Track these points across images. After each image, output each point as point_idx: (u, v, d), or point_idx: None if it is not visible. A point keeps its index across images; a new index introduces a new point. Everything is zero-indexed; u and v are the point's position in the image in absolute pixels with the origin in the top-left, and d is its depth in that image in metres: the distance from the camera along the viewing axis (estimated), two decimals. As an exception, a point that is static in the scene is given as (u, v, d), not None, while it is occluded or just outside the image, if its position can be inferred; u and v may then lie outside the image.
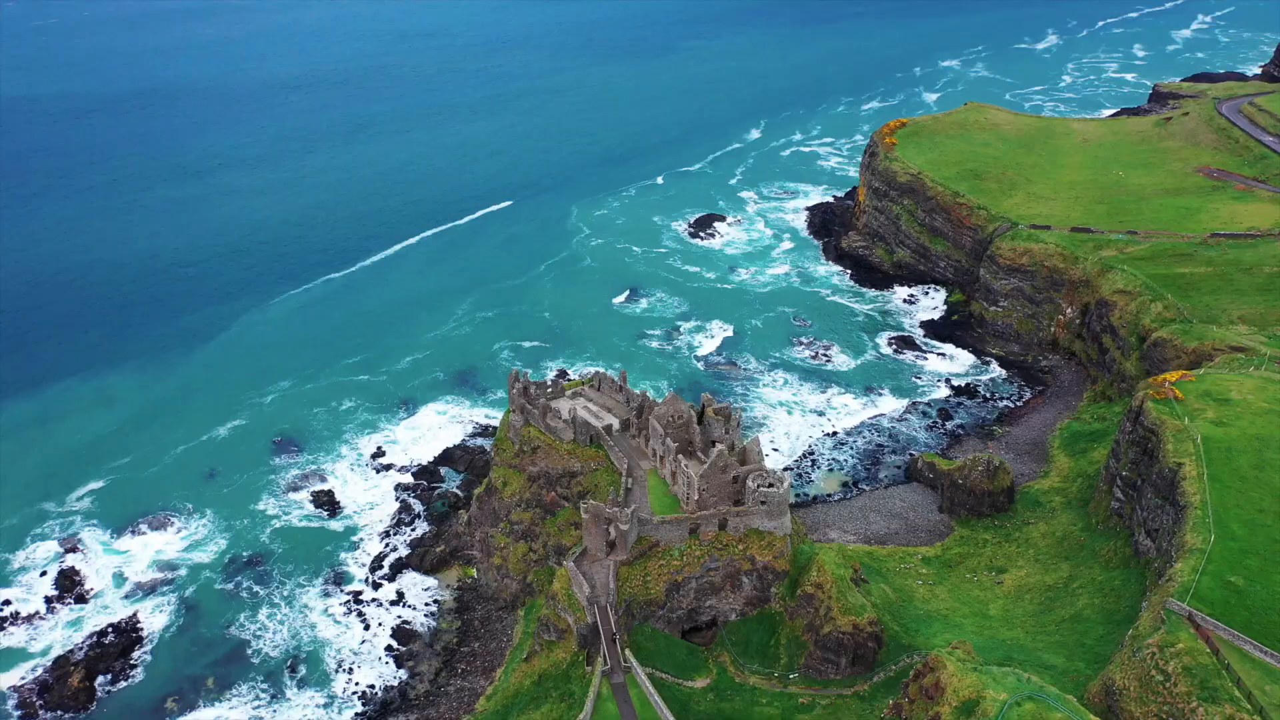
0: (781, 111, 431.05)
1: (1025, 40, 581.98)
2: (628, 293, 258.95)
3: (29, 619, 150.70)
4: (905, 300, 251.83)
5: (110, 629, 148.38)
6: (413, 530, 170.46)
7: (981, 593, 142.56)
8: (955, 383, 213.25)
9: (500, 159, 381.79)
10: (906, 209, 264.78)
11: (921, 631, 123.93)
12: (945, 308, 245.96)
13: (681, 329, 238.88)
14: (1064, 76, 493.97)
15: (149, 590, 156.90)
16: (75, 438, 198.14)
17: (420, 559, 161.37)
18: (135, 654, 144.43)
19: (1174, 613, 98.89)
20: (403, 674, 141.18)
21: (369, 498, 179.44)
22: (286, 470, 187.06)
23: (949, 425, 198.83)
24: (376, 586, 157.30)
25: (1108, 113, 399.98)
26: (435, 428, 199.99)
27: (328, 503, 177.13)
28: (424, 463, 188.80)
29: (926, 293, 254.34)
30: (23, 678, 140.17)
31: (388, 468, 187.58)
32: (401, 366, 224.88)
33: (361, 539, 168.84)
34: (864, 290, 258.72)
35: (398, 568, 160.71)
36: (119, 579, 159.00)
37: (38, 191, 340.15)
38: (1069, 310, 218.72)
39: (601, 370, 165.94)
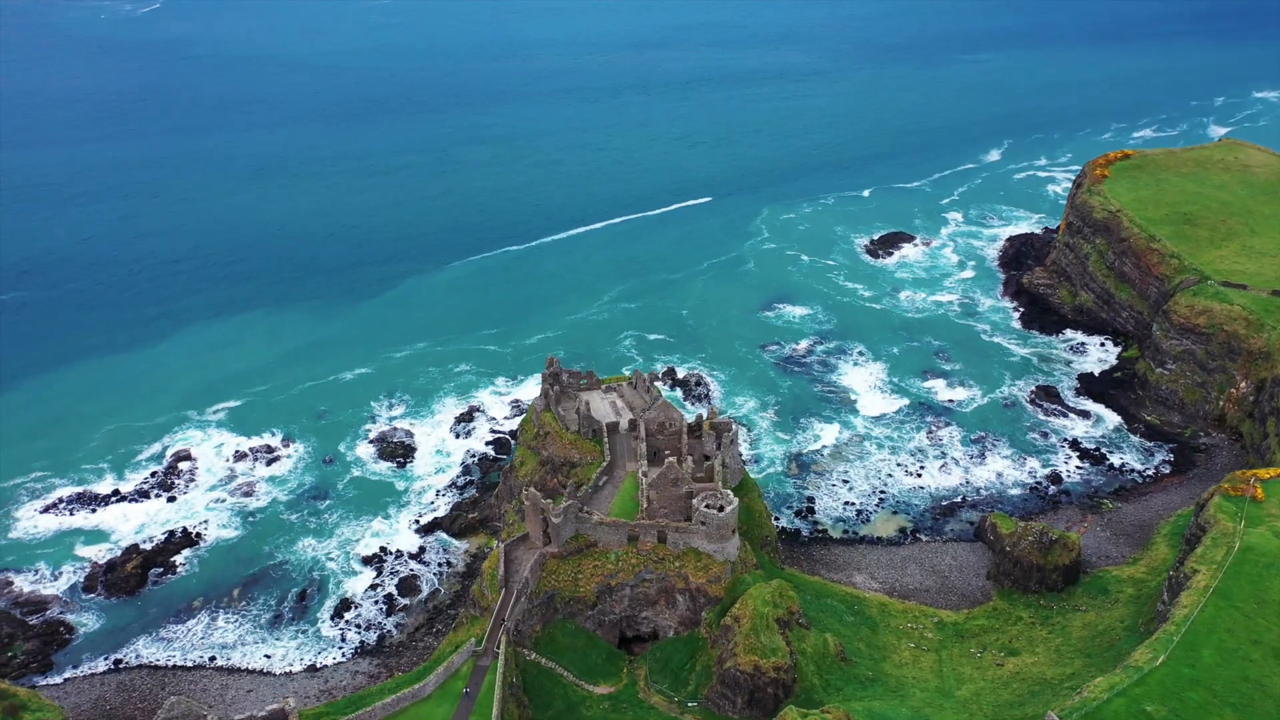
0: (1032, 133, 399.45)
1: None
2: (775, 301, 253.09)
3: (127, 507, 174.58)
4: (1071, 349, 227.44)
5: (181, 530, 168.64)
6: (462, 495, 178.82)
7: (972, 671, 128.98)
8: (1083, 445, 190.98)
9: (721, 153, 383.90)
10: (1097, 249, 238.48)
11: (844, 691, 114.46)
12: (1114, 363, 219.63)
13: (811, 346, 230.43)
14: None
15: (226, 503, 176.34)
16: (239, 362, 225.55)
17: (451, 522, 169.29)
18: (189, 554, 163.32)
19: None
20: (390, 623, 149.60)
21: (441, 459, 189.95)
22: (383, 420, 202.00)
23: (1053, 489, 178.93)
24: (406, 539, 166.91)
25: None
26: (528, 401, 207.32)
27: (404, 457, 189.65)
28: (503, 434, 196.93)
29: (1101, 344, 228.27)
30: (99, 555, 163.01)
31: (469, 434, 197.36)
32: (530, 342, 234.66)
33: (417, 495, 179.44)
34: (1029, 332, 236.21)
35: (430, 526, 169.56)
36: (208, 489, 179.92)
37: (311, 173, 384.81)
38: (1243, 384, 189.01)
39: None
